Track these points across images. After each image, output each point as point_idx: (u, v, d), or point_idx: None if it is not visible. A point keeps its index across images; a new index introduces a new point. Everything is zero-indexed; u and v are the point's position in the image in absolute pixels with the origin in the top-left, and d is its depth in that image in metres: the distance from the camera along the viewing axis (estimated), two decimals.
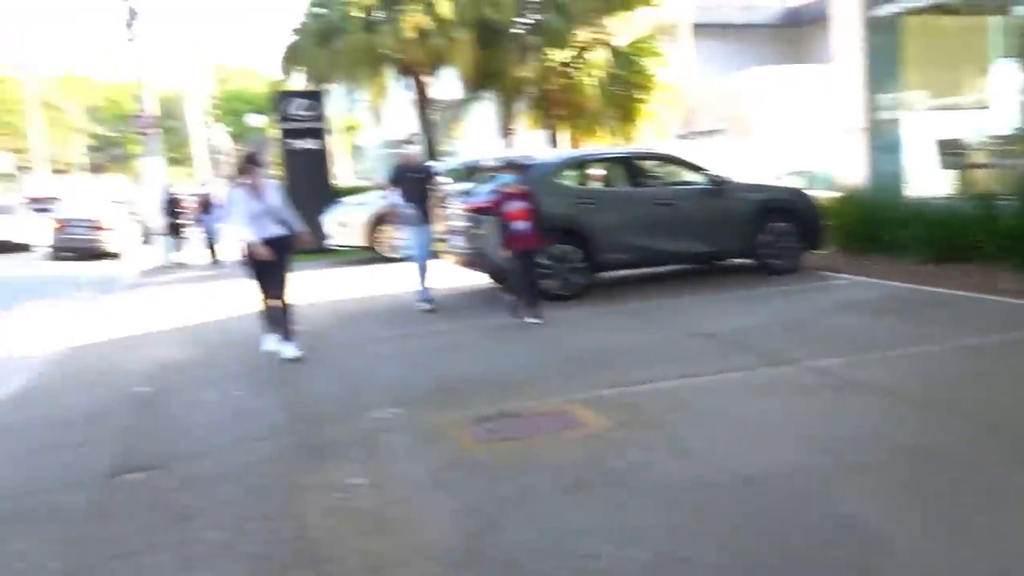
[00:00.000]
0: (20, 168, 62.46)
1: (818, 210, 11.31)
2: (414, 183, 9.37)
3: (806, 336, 7.37)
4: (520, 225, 8.23)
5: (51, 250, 23.59)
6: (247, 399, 6.45)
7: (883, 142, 13.11)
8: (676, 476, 4.31)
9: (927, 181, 12.73)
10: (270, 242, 7.48)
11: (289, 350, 7.62)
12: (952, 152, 12.57)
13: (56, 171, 67.80)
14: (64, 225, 23.39)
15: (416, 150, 9.85)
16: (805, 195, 11.62)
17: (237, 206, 7.55)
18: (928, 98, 13.56)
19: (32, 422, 6.30)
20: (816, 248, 11.27)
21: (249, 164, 7.59)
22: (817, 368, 6.21)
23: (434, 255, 9.96)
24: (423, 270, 9.77)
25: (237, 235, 7.78)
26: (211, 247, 18.15)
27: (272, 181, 7.91)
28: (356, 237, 15.55)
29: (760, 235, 10.67)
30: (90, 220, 23.30)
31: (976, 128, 12.93)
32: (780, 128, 22.53)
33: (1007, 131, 12.37)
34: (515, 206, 8.28)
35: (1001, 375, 5.94)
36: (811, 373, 6.11)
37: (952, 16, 13.15)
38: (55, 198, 38.66)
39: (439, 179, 9.85)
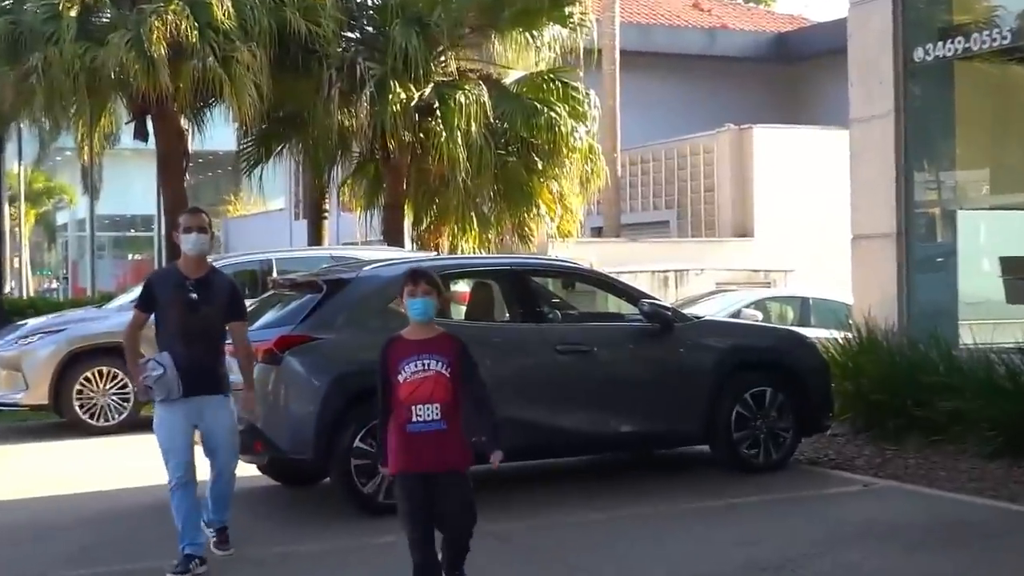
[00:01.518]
0: None
1: (822, 366, 11.45)
2: (191, 309, 7.79)
3: None
4: (428, 413, 6.29)
5: None
6: None
7: (923, 256, 13.57)
8: None
9: (991, 319, 13.08)
10: None
11: None
12: None
13: None
14: None
15: (199, 243, 7.90)
16: (802, 341, 11.79)
17: None
18: (993, 189, 14.14)
19: None
20: (818, 429, 11.37)
21: None
22: None
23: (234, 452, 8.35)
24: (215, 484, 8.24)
25: None
26: None
27: None
28: (33, 390, 15.01)
29: (728, 406, 10.56)
30: None
31: None
32: (762, 223, 23.13)
33: None
34: (416, 368, 6.39)
35: None
36: None
37: None
38: None
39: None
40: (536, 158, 20.71)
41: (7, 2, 20.13)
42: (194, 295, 7.65)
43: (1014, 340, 12.27)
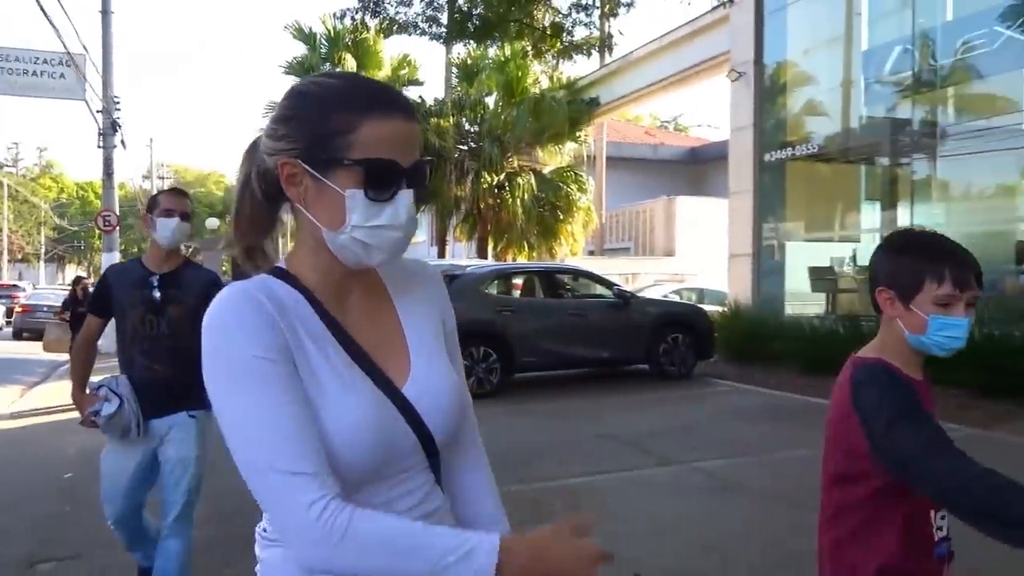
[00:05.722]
0: None
1: (710, 323, 11.42)
2: (154, 311, 3.40)
3: (694, 438, 7.32)
4: (944, 526, 1.63)
5: (13, 331, 23.30)
6: None
7: (767, 266, 13.59)
8: None
9: (802, 301, 13.07)
10: None
11: None
12: (824, 278, 13.05)
13: (17, 260, 65.02)
14: (28, 309, 23.12)
15: (181, 231, 3.42)
16: (699, 310, 11.87)
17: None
18: (806, 230, 14.16)
19: None
20: (707, 357, 11.33)
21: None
22: (704, 469, 6.14)
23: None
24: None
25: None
26: None
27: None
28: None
29: (658, 344, 10.69)
30: (53, 306, 22.73)
31: (844, 258, 13.48)
32: (680, 249, 23.05)
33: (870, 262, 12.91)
34: None
35: None
36: (698, 474, 6.04)
37: (829, 163, 13.88)
38: (16, 285, 38.11)
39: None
40: (559, 213, 19.88)
41: None
42: (157, 293, 3.36)
43: (814, 312, 12.41)
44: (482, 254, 20.39)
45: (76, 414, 3.48)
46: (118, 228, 17.03)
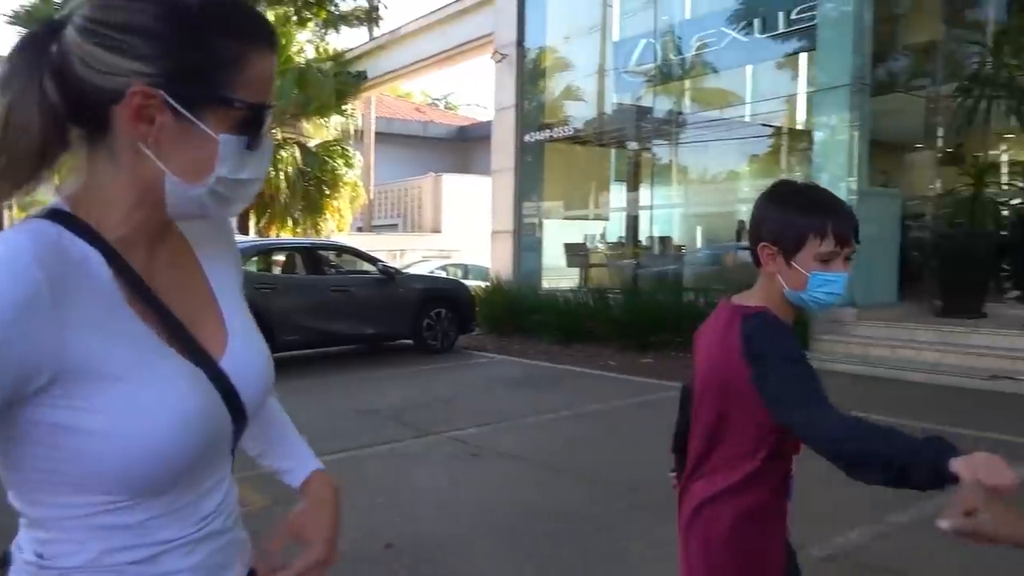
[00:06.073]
0: None
1: (471, 298, 11.58)
2: None
3: (451, 409, 7.38)
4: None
5: None
6: None
7: (527, 243, 14.19)
8: None
9: (558, 276, 13.79)
10: None
11: None
12: (577, 254, 13.86)
13: None
14: None
15: None
16: (461, 285, 11.97)
17: None
18: (563, 209, 14.96)
19: None
20: (469, 331, 11.50)
21: None
22: (458, 438, 6.22)
23: None
24: None
25: None
26: None
27: None
28: None
29: (421, 319, 10.72)
30: None
31: (596, 235, 14.42)
32: (447, 226, 23.46)
33: (617, 239, 13.93)
34: None
35: (608, 438, 6.33)
36: (453, 443, 6.10)
37: (584, 145, 14.71)
38: None
39: None
40: (325, 188, 19.73)
41: None
42: None
43: (568, 286, 12.99)
44: (243, 230, 19.49)
45: None
46: None
